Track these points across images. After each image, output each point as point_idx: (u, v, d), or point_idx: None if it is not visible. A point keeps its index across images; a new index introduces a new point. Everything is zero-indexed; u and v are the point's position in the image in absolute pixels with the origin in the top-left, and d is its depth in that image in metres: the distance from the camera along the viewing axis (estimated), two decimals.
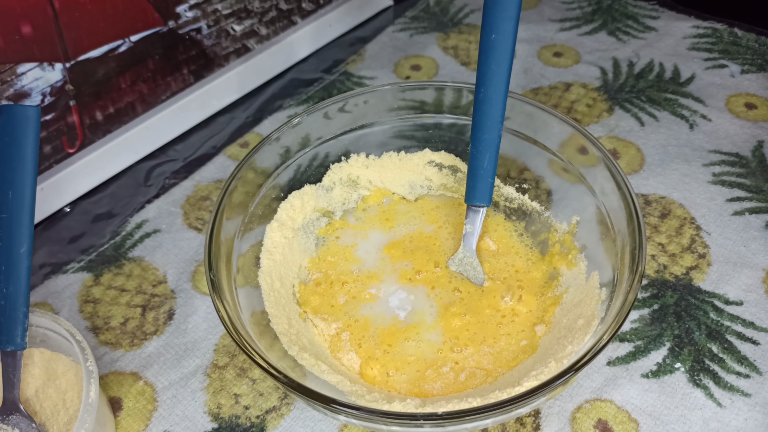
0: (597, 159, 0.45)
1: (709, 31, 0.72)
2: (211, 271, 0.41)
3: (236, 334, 0.38)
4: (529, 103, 0.48)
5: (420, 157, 0.53)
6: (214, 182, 0.62)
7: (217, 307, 0.39)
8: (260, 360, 0.37)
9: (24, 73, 0.53)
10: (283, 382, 0.36)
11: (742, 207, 0.55)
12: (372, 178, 0.54)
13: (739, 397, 0.44)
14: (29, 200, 0.42)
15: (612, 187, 0.43)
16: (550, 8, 0.79)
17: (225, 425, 0.45)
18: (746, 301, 0.49)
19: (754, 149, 0.60)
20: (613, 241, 0.43)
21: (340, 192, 0.53)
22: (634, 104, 0.65)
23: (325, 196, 0.52)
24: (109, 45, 0.58)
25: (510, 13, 0.41)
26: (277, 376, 0.36)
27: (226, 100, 0.69)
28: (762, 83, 0.66)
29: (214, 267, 0.41)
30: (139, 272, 0.55)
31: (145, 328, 0.51)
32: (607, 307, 0.40)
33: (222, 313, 0.39)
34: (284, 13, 0.70)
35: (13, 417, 0.42)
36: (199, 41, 0.64)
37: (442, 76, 0.71)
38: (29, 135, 0.42)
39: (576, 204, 0.48)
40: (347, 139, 0.52)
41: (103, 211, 0.60)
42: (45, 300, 0.53)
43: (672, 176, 0.58)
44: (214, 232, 0.43)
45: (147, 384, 0.48)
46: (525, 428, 0.44)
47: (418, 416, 0.35)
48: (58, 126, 0.57)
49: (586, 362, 0.35)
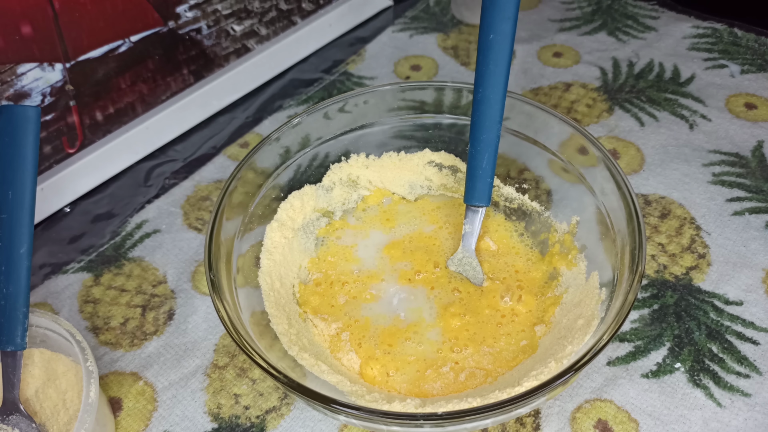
0: (597, 159, 0.45)
1: (709, 31, 0.72)
2: (211, 271, 0.41)
3: (236, 334, 0.38)
4: (529, 103, 0.48)
5: (420, 158, 0.53)
6: (214, 182, 0.62)
7: (217, 307, 0.39)
8: (260, 360, 0.37)
9: (24, 74, 0.53)
10: (283, 382, 0.36)
11: (742, 207, 0.55)
12: (372, 178, 0.54)
13: (739, 397, 0.44)
14: (29, 200, 0.42)
15: (612, 188, 0.44)
16: (550, 8, 0.79)
17: (225, 425, 0.45)
18: (746, 301, 0.49)
19: (753, 149, 0.60)
20: (613, 241, 0.43)
21: (340, 192, 0.53)
22: (634, 104, 0.65)
23: (325, 196, 0.52)
24: (109, 45, 0.58)
25: (508, 13, 0.41)
26: (276, 376, 0.36)
27: (226, 100, 0.69)
28: (762, 83, 0.66)
29: (214, 267, 0.41)
30: (139, 272, 0.55)
31: (145, 328, 0.51)
32: (606, 307, 0.40)
33: (222, 314, 0.39)
34: (284, 13, 0.70)
35: (13, 417, 0.42)
36: (199, 41, 0.64)
37: (442, 76, 0.71)
38: (29, 135, 0.42)
39: (576, 204, 0.48)
40: (347, 139, 0.52)
41: (103, 212, 0.60)
42: (45, 300, 0.53)
43: (672, 176, 0.58)
44: (214, 232, 0.43)
45: (147, 384, 0.48)
46: (525, 428, 0.44)
47: (418, 416, 0.35)
48: (58, 126, 0.57)
49: (586, 362, 0.36)
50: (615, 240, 0.43)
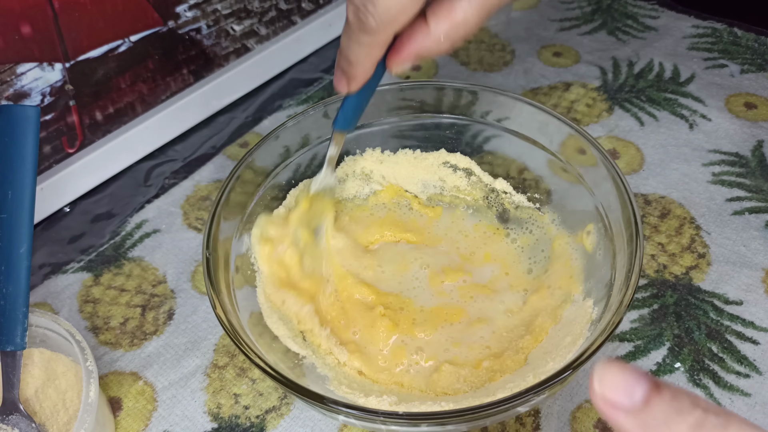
0: (596, 159, 0.45)
1: (709, 31, 0.72)
2: (209, 271, 0.41)
3: (234, 334, 0.38)
4: (528, 104, 0.48)
5: (435, 157, 0.53)
6: (214, 182, 0.62)
7: (214, 306, 0.39)
8: (258, 360, 0.37)
9: (24, 73, 0.53)
10: (282, 382, 0.36)
11: (741, 207, 0.55)
12: (385, 174, 0.53)
13: (739, 396, 0.44)
14: (29, 200, 0.42)
15: (610, 187, 0.43)
16: (550, 8, 0.79)
17: (225, 425, 0.45)
18: (746, 300, 0.49)
19: (753, 149, 0.60)
20: (611, 240, 0.43)
21: (353, 184, 0.53)
22: (634, 104, 0.65)
23: (338, 187, 0.52)
24: (108, 45, 0.58)
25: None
26: (275, 376, 0.36)
27: (225, 100, 0.69)
28: (762, 83, 0.66)
29: (212, 268, 0.41)
30: (139, 272, 0.55)
31: (144, 328, 0.51)
32: (604, 306, 0.40)
33: (219, 314, 0.39)
34: (284, 13, 0.70)
35: (13, 417, 0.42)
36: (198, 41, 0.64)
37: (442, 76, 0.71)
38: (29, 135, 0.42)
39: (576, 204, 0.47)
40: (347, 139, 0.52)
41: (102, 211, 0.60)
42: (45, 300, 0.53)
43: (672, 176, 0.58)
44: (212, 232, 0.42)
45: (147, 384, 0.48)
46: (525, 428, 0.44)
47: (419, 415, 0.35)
48: (58, 126, 0.57)
49: (586, 359, 0.35)
50: (613, 239, 0.42)
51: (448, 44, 0.36)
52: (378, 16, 0.34)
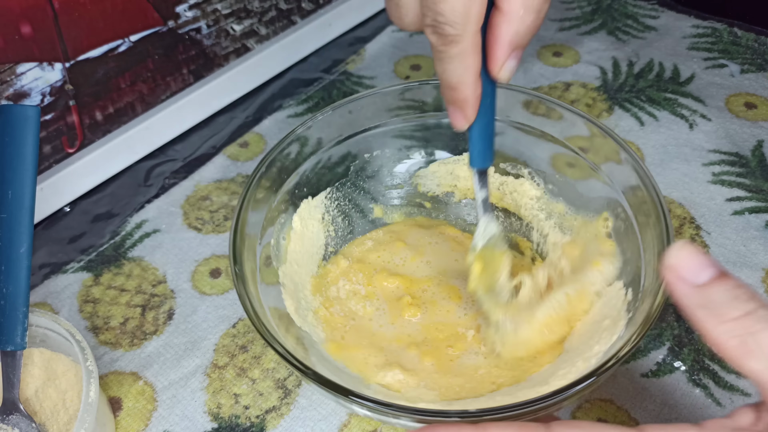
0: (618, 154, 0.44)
1: (709, 31, 0.72)
2: (236, 264, 0.40)
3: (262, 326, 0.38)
4: (531, 95, 0.48)
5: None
6: (214, 182, 0.62)
7: (241, 296, 0.39)
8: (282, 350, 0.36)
9: (24, 73, 0.53)
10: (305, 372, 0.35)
11: (741, 207, 0.55)
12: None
13: (738, 396, 0.44)
14: (29, 200, 0.42)
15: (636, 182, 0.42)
16: (550, 8, 0.78)
17: (225, 425, 0.45)
18: None
19: (753, 149, 0.60)
20: (637, 237, 0.42)
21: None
22: (634, 104, 0.65)
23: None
24: (108, 45, 0.58)
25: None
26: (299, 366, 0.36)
27: (225, 100, 0.69)
28: (762, 83, 0.66)
29: (239, 260, 0.41)
30: (139, 272, 0.55)
31: (144, 328, 0.51)
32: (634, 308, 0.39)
33: (246, 304, 0.38)
34: (284, 12, 0.70)
35: (13, 417, 0.42)
36: (198, 41, 0.64)
37: None
38: (29, 135, 0.42)
39: (590, 193, 0.46)
40: (351, 143, 0.51)
41: (102, 211, 0.60)
42: (45, 300, 0.53)
43: (672, 176, 0.58)
44: (239, 226, 0.42)
45: (147, 384, 0.48)
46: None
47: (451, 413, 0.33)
48: (58, 126, 0.57)
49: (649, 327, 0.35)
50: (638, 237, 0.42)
51: (531, 16, 0.34)
52: (452, 20, 0.33)
